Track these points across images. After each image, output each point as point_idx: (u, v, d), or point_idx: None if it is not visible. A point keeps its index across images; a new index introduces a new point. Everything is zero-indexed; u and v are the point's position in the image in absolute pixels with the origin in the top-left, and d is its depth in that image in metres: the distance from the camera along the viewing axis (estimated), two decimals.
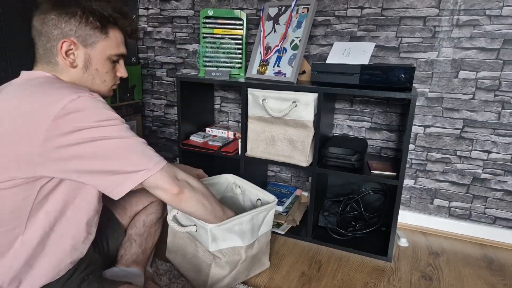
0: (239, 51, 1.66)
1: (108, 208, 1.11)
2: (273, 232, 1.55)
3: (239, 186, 1.41)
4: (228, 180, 1.44)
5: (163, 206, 1.23)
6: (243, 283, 1.21)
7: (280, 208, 1.62)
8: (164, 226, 1.25)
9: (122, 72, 0.91)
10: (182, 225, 1.17)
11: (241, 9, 1.78)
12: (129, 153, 0.75)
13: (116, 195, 0.75)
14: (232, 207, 1.44)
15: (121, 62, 0.91)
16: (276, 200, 1.25)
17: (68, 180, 0.76)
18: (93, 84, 0.85)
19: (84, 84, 0.84)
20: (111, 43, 0.85)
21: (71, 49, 0.81)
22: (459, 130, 1.53)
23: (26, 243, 0.75)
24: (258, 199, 1.32)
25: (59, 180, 0.75)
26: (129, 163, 0.74)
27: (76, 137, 0.70)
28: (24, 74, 0.83)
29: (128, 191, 0.76)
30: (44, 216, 0.76)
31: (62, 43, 0.79)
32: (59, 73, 0.82)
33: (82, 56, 0.82)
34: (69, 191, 0.78)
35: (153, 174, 0.77)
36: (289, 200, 1.69)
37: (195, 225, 1.12)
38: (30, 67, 0.82)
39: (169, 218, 1.19)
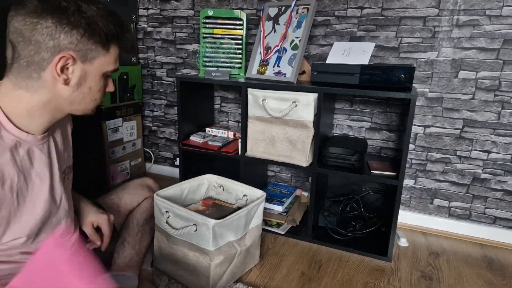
0: (239, 51, 1.66)
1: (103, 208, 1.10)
2: (273, 232, 1.55)
3: (221, 185, 1.41)
4: (209, 180, 1.44)
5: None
6: (243, 283, 1.21)
7: (280, 208, 1.62)
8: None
9: (111, 87, 0.82)
10: (176, 228, 1.13)
11: (241, 9, 1.78)
12: None
13: None
14: (214, 207, 1.41)
15: (110, 77, 0.82)
16: (265, 194, 1.27)
17: None
18: (80, 103, 0.76)
19: (69, 102, 0.75)
20: (110, 59, 0.76)
21: (67, 64, 0.70)
22: (459, 130, 1.53)
23: None
24: (244, 195, 1.33)
25: None
26: None
27: None
28: None
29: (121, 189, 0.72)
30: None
31: (60, 58, 0.68)
32: (34, 90, 0.70)
33: (78, 73, 0.72)
34: None
35: None
36: (289, 200, 1.69)
37: (194, 224, 1.10)
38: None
39: (160, 223, 1.17)
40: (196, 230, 1.09)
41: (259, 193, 1.29)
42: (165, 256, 1.22)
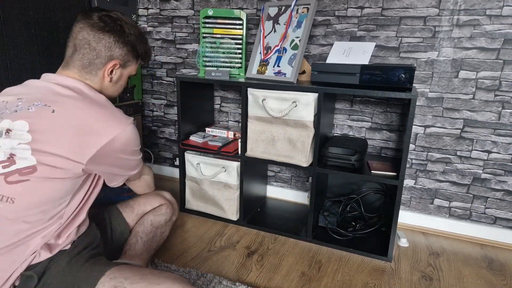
0: (239, 51, 1.66)
1: (116, 207, 1.19)
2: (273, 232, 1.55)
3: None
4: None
5: (172, 210, 1.27)
6: (243, 283, 1.21)
7: None
8: (172, 229, 1.28)
9: (127, 84, 1.16)
10: (207, 175, 1.60)
11: (241, 9, 1.78)
12: (131, 167, 1.02)
13: (113, 184, 1.03)
14: None
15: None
16: None
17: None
18: (113, 93, 1.05)
19: (107, 92, 1.02)
20: (136, 67, 1.07)
21: (114, 68, 0.98)
22: (459, 130, 1.53)
23: (65, 216, 0.90)
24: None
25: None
26: (129, 171, 1.03)
27: (114, 156, 0.91)
28: (61, 80, 0.93)
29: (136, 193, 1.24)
30: (79, 196, 0.93)
31: (113, 64, 0.96)
32: (93, 82, 0.97)
33: (118, 74, 1.00)
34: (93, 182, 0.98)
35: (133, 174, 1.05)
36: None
37: (223, 167, 1.56)
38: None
39: (192, 173, 1.64)
40: (225, 171, 1.54)
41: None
42: (196, 198, 1.68)
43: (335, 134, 1.73)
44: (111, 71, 0.98)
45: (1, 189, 0.81)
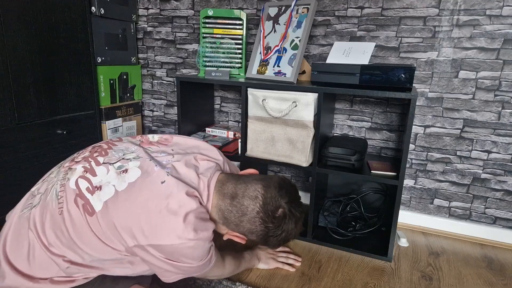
0: (239, 51, 1.66)
1: None
2: None
3: None
4: None
5: None
6: (243, 283, 1.21)
7: None
8: None
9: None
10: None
11: (241, 9, 1.78)
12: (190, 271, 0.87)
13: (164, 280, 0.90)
14: None
15: None
16: None
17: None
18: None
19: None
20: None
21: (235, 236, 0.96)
22: (459, 130, 1.53)
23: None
24: None
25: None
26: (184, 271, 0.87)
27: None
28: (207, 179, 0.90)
29: None
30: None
31: (234, 235, 0.95)
32: (219, 220, 0.92)
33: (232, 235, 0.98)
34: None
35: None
36: None
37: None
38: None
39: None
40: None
41: None
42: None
43: (335, 134, 1.73)
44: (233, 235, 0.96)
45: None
